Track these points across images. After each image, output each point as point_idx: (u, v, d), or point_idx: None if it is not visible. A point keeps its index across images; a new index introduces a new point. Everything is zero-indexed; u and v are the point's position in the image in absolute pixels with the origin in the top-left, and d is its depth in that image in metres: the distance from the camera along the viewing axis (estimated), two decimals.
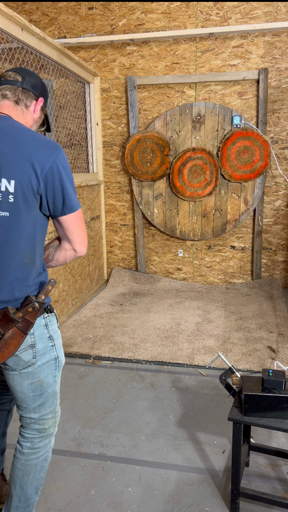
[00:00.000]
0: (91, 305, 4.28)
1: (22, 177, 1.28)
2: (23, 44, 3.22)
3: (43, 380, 1.46)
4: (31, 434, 1.52)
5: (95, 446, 2.16)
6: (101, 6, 4.65)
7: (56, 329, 1.49)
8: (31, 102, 1.46)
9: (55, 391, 1.52)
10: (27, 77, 1.44)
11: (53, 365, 1.48)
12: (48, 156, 1.30)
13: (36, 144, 1.31)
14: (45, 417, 1.51)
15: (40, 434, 1.52)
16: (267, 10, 4.32)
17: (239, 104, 4.57)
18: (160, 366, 3.01)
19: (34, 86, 1.46)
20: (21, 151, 1.28)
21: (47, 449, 1.54)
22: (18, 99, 1.43)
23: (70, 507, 1.78)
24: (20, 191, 1.29)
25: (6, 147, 1.28)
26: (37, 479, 1.53)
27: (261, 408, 1.63)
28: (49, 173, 1.30)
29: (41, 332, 1.43)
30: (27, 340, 1.40)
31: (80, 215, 1.41)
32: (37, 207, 1.35)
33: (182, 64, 4.61)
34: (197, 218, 4.80)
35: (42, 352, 1.44)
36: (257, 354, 3.12)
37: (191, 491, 1.86)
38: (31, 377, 1.45)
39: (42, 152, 1.30)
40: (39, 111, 1.50)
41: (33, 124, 1.52)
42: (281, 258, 4.84)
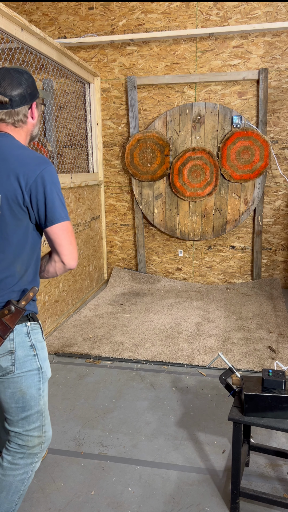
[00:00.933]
0: (91, 305, 4.28)
1: (8, 191, 1.34)
2: (23, 44, 3.22)
3: (25, 391, 1.43)
4: (13, 448, 1.48)
5: (95, 446, 2.16)
6: (101, 6, 4.65)
7: (40, 339, 1.48)
8: (27, 113, 1.48)
9: (40, 407, 1.47)
10: (13, 94, 1.41)
11: (35, 375, 1.45)
12: (33, 170, 1.35)
13: (23, 160, 1.36)
14: (29, 433, 1.47)
15: (22, 450, 1.47)
16: (267, 10, 4.32)
17: (239, 104, 4.57)
18: (160, 366, 3.01)
19: (23, 98, 1.44)
20: (8, 168, 1.35)
21: (26, 470, 1.48)
22: (14, 121, 1.46)
23: (70, 507, 1.79)
24: (6, 204, 1.35)
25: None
26: (9, 502, 1.46)
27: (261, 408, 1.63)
28: (33, 186, 1.34)
29: (22, 340, 1.42)
30: (6, 345, 1.40)
31: (67, 227, 1.40)
32: (26, 219, 1.39)
33: (182, 64, 4.61)
34: (197, 218, 4.80)
35: (22, 360, 1.42)
36: (257, 354, 3.12)
37: (191, 491, 1.86)
38: (12, 386, 1.43)
39: (27, 167, 1.35)
40: (36, 111, 1.51)
41: (34, 127, 1.53)
42: (281, 258, 4.84)
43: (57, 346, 3.30)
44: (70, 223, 1.43)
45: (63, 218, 1.39)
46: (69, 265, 1.44)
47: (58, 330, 3.61)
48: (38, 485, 1.90)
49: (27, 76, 1.46)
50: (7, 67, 1.45)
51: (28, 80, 1.46)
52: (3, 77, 1.41)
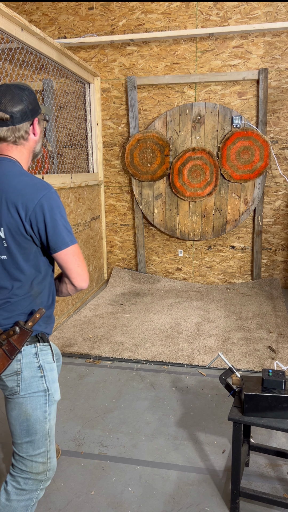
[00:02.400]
0: (91, 305, 4.28)
1: (9, 223, 1.33)
2: (23, 44, 3.22)
3: (29, 413, 1.40)
4: (18, 474, 1.45)
5: (95, 446, 2.16)
6: (101, 6, 4.65)
7: (49, 360, 1.46)
8: (29, 129, 1.45)
9: (45, 431, 1.44)
10: (14, 110, 1.39)
11: (42, 398, 1.42)
12: (31, 199, 1.32)
13: (21, 190, 1.34)
14: (34, 459, 1.43)
15: (27, 475, 1.44)
16: (267, 10, 4.32)
17: (239, 104, 4.57)
18: (160, 366, 3.01)
19: (24, 114, 1.41)
20: (7, 199, 1.33)
21: (31, 497, 1.45)
22: (15, 138, 1.43)
23: (70, 507, 1.79)
24: (10, 236, 1.35)
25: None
26: None
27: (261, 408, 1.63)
28: (32, 215, 1.32)
29: (30, 361, 1.41)
30: (13, 366, 1.39)
31: (74, 251, 1.39)
32: (33, 246, 1.39)
33: (182, 64, 4.61)
34: (197, 218, 4.80)
35: (28, 382, 1.40)
36: (257, 354, 3.12)
37: (191, 491, 1.87)
38: (17, 407, 1.41)
39: (25, 197, 1.32)
40: (38, 127, 1.49)
41: (37, 144, 1.51)
42: (281, 258, 4.84)
43: (57, 346, 3.29)
44: (77, 246, 1.41)
45: (67, 244, 1.37)
46: (80, 287, 1.43)
47: (58, 330, 3.61)
48: None
49: (28, 92, 1.44)
50: (8, 84, 1.43)
51: (30, 96, 1.44)
52: (4, 94, 1.39)
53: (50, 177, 3.63)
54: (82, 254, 1.44)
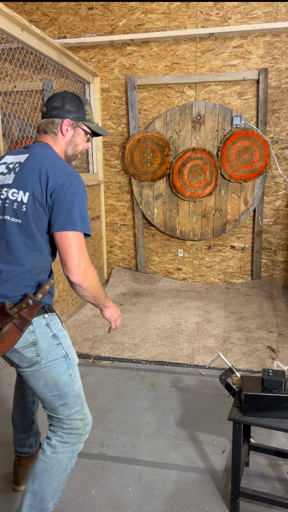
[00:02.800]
0: (91, 305, 4.28)
1: (35, 191, 1.42)
2: (23, 44, 3.22)
3: (57, 379, 1.46)
4: (60, 430, 1.51)
5: (95, 446, 2.16)
6: (101, 6, 4.65)
7: (60, 328, 1.51)
8: (57, 127, 1.59)
9: (75, 392, 1.50)
10: (49, 106, 1.59)
11: (63, 363, 1.48)
12: (61, 178, 1.43)
13: (55, 168, 1.45)
14: (72, 417, 1.50)
15: (68, 431, 1.51)
16: (267, 10, 4.32)
17: (239, 104, 4.57)
18: (160, 366, 3.01)
19: (58, 109, 1.58)
20: (41, 171, 1.44)
21: (74, 449, 1.52)
22: (46, 130, 1.60)
23: (70, 507, 1.79)
24: (32, 202, 1.42)
25: (31, 166, 1.46)
26: (58, 480, 1.50)
27: (261, 408, 1.63)
28: (57, 189, 1.41)
29: (43, 331, 1.45)
30: (27, 337, 1.43)
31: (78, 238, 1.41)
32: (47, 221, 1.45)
33: (182, 64, 4.61)
34: (197, 218, 4.80)
35: (46, 350, 1.45)
36: (257, 354, 3.12)
37: (191, 491, 1.87)
38: (43, 377, 1.46)
39: (57, 175, 1.43)
40: (69, 131, 1.61)
41: (68, 146, 1.63)
42: (281, 258, 4.84)
43: None
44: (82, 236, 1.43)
45: (76, 228, 1.41)
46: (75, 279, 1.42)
47: None
48: None
49: (74, 98, 1.61)
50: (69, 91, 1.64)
51: (72, 101, 1.60)
52: (55, 95, 1.61)
53: None
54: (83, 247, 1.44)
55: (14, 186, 1.45)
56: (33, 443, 1.91)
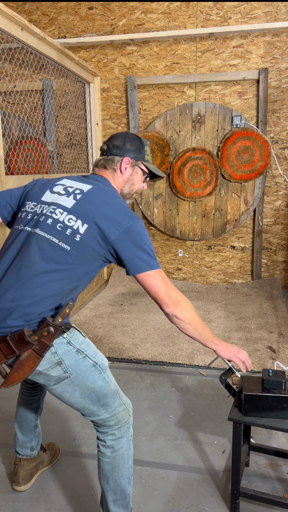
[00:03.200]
0: (91, 305, 4.28)
1: (96, 228, 1.41)
2: (23, 44, 3.22)
3: (93, 387, 1.45)
4: (109, 429, 1.52)
5: (95, 446, 2.16)
6: (101, 6, 4.65)
7: (81, 340, 1.47)
8: (117, 165, 1.63)
9: (112, 390, 1.51)
10: (110, 144, 1.64)
11: (95, 371, 1.46)
12: (126, 221, 1.41)
13: (119, 211, 1.44)
14: (115, 412, 1.51)
15: (118, 425, 1.52)
16: (267, 10, 4.32)
17: (239, 104, 4.57)
18: (160, 366, 3.01)
19: (118, 148, 1.63)
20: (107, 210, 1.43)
21: (128, 438, 1.55)
22: (105, 166, 1.63)
23: (70, 507, 1.78)
24: (87, 237, 1.41)
25: (98, 200, 1.46)
26: (127, 469, 1.54)
27: (261, 408, 1.63)
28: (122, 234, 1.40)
29: (66, 349, 1.42)
30: (51, 359, 1.39)
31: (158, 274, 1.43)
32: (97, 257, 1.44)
33: (182, 64, 4.61)
34: (197, 218, 4.80)
35: (74, 366, 1.42)
36: (257, 354, 3.12)
37: (191, 491, 1.86)
38: (77, 388, 1.44)
39: (121, 217, 1.42)
40: (128, 169, 1.64)
41: (125, 184, 1.66)
42: (281, 258, 4.84)
43: None
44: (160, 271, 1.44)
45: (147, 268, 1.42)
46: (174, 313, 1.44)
47: None
48: (38, 485, 1.90)
49: (135, 138, 1.66)
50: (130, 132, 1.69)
51: (133, 141, 1.65)
52: (116, 135, 1.66)
53: (50, 177, 3.63)
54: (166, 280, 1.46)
55: (73, 213, 1.43)
56: (35, 446, 1.90)
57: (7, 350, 1.35)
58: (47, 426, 2.33)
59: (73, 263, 1.41)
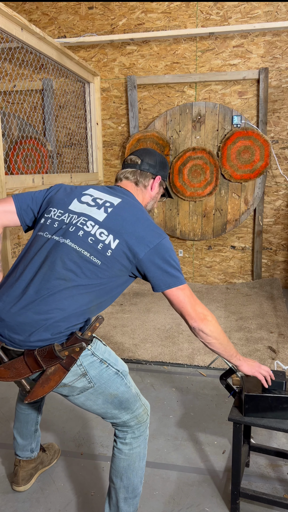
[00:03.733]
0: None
1: (126, 244, 1.42)
2: (23, 43, 3.22)
3: (115, 393, 1.47)
4: (129, 428, 1.54)
5: (95, 447, 2.16)
6: (101, 6, 4.65)
7: (103, 349, 1.47)
8: (149, 181, 1.66)
9: (133, 394, 1.52)
10: (145, 159, 1.67)
11: (117, 378, 1.47)
12: (154, 239, 1.43)
13: (148, 228, 1.45)
14: (135, 413, 1.52)
15: (138, 425, 1.53)
16: (268, 9, 4.32)
17: (239, 103, 4.56)
18: (160, 366, 3.00)
19: (152, 166, 1.66)
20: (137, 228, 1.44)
21: (144, 437, 1.56)
22: (137, 180, 1.64)
23: (70, 507, 1.78)
24: (118, 252, 1.42)
25: (129, 216, 1.46)
26: (141, 468, 1.55)
27: (261, 409, 1.63)
28: (151, 252, 1.42)
29: (91, 361, 1.42)
30: (76, 371, 1.39)
31: (184, 289, 1.45)
32: (125, 273, 1.46)
33: (182, 63, 4.60)
34: (197, 218, 4.80)
35: (98, 376, 1.43)
36: (258, 354, 3.11)
37: (191, 491, 1.86)
38: (101, 396, 1.45)
39: (150, 235, 1.44)
40: (157, 187, 1.69)
41: (150, 200, 1.69)
42: (282, 258, 4.83)
43: None
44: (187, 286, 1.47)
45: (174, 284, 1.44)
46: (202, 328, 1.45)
47: None
48: (38, 486, 1.90)
49: (163, 159, 1.71)
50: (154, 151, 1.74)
51: (162, 161, 1.71)
52: (147, 151, 1.71)
53: (50, 176, 3.62)
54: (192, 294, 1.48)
55: (105, 227, 1.43)
56: (34, 448, 1.90)
57: (33, 365, 1.33)
58: (47, 426, 2.33)
59: (102, 278, 1.41)
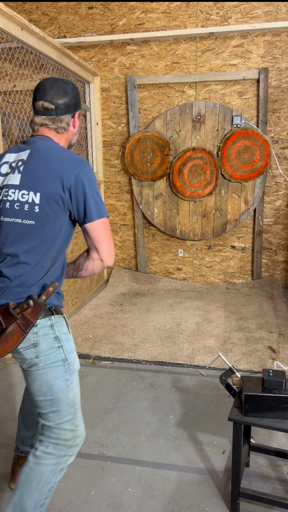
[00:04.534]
0: (91, 305, 4.28)
1: (48, 189, 1.42)
2: (23, 43, 3.22)
3: (52, 383, 1.44)
4: (47, 439, 1.48)
5: (95, 446, 2.16)
6: (101, 6, 4.65)
7: (64, 331, 1.50)
8: (70, 121, 1.58)
9: (69, 399, 1.47)
10: (59, 102, 1.53)
11: (61, 367, 1.46)
12: (73, 170, 1.43)
13: (63, 161, 1.45)
14: (61, 426, 1.47)
15: (56, 441, 1.47)
16: (267, 9, 4.32)
17: (239, 103, 4.56)
18: (160, 366, 3.00)
19: (68, 106, 1.55)
20: (50, 168, 1.43)
21: (59, 461, 1.47)
22: (57, 127, 1.56)
23: (70, 507, 1.78)
24: (46, 202, 1.43)
25: (37, 164, 1.45)
26: (39, 493, 1.43)
27: (261, 408, 1.63)
28: (73, 185, 1.42)
29: (46, 332, 1.45)
30: (30, 338, 1.43)
31: (104, 224, 1.47)
32: (63, 217, 1.46)
33: (182, 63, 4.60)
34: (197, 218, 4.80)
35: (46, 353, 1.44)
36: (257, 354, 3.11)
37: (191, 491, 1.86)
38: (38, 379, 1.45)
39: (68, 167, 1.44)
40: (77, 121, 1.63)
41: (74, 135, 1.64)
42: (282, 258, 4.83)
43: None
44: (107, 220, 1.48)
45: (101, 215, 1.46)
46: (108, 262, 1.50)
47: None
48: None
49: (73, 87, 1.57)
50: (55, 78, 1.56)
51: (74, 90, 1.57)
52: (51, 86, 1.52)
53: None
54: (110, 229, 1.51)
55: (23, 187, 1.44)
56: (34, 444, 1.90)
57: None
58: None
59: (41, 234, 1.44)
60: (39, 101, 1.52)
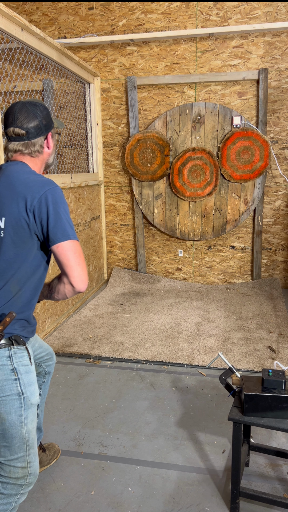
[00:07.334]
0: (91, 305, 4.28)
1: (12, 214, 1.38)
2: (23, 44, 3.22)
3: (4, 417, 1.37)
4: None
5: (95, 446, 2.16)
6: (101, 6, 4.65)
7: (25, 363, 1.43)
8: (43, 143, 1.54)
9: (22, 435, 1.40)
10: (29, 126, 1.49)
11: (16, 401, 1.39)
12: (37, 192, 1.38)
13: (28, 184, 1.40)
14: (12, 463, 1.40)
15: (5, 480, 1.41)
16: (267, 10, 4.32)
17: (239, 104, 4.57)
18: (160, 366, 3.01)
19: (38, 129, 1.51)
20: (14, 192, 1.39)
21: (10, 501, 1.41)
22: (31, 151, 1.52)
23: (70, 507, 1.79)
24: (10, 226, 1.38)
25: (3, 189, 1.41)
26: None
27: (261, 408, 1.63)
28: (37, 205, 1.37)
29: (2, 363, 1.38)
30: None
31: (73, 247, 1.38)
32: (30, 241, 1.41)
33: (182, 64, 4.61)
34: (197, 218, 4.80)
35: (0, 385, 1.37)
36: (257, 354, 3.12)
37: (191, 491, 1.87)
38: None
39: (32, 189, 1.39)
40: (51, 141, 1.58)
41: (50, 155, 1.60)
42: (281, 258, 4.84)
43: (57, 346, 3.30)
44: (78, 243, 1.41)
45: (68, 237, 1.37)
46: (79, 288, 1.40)
47: (58, 330, 3.61)
48: (38, 485, 1.90)
49: (42, 108, 1.53)
50: (22, 101, 1.53)
51: (43, 112, 1.53)
52: (20, 111, 1.49)
53: (50, 177, 3.63)
54: (83, 254, 1.43)
55: None
56: None
57: None
58: (47, 426, 2.33)
59: (5, 259, 1.39)
60: (10, 127, 1.49)
